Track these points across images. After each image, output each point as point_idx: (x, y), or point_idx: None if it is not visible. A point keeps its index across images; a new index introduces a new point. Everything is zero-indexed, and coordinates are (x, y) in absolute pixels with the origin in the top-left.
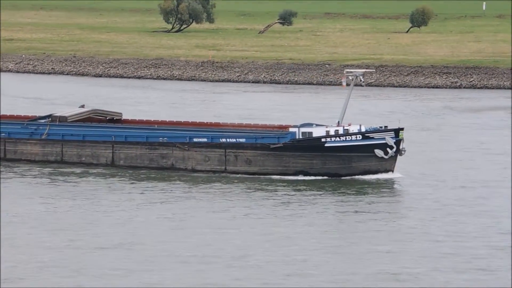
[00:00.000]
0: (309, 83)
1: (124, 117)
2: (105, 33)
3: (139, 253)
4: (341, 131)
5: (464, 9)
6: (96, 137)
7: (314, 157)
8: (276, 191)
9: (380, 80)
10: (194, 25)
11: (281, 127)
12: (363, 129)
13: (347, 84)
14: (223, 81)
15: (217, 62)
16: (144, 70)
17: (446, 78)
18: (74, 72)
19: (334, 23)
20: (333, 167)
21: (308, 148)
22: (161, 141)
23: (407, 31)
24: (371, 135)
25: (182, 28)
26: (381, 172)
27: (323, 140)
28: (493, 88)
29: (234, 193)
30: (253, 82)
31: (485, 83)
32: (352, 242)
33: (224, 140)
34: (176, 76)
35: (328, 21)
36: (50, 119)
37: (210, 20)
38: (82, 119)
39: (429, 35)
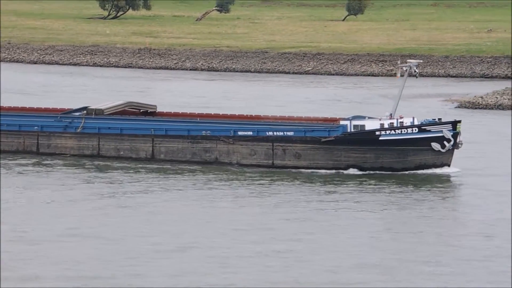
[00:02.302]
0: (247, 71)
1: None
2: (40, 20)
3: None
4: (395, 124)
5: None
6: (135, 130)
7: (368, 151)
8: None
9: (317, 68)
10: (130, 11)
11: (327, 119)
12: (416, 122)
13: (401, 75)
14: (160, 68)
15: (154, 49)
16: (80, 57)
17: (382, 66)
18: (8, 59)
19: (271, 10)
20: (387, 161)
21: (362, 141)
22: (204, 134)
23: (344, 19)
24: (427, 128)
25: (118, 15)
26: (438, 166)
27: (377, 133)
28: (428, 76)
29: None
30: (190, 69)
31: (421, 71)
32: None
33: (271, 133)
34: (112, 63)
35: (266, 9)
36: (85, 111)
37: (147, 6)
38: (118, 112)
39: (365, 23)
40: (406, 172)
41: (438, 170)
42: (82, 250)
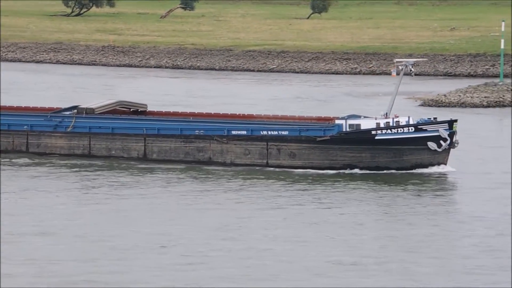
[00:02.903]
0: (211, 69)
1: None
2: (2, 17)
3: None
4: (391, 123)
5: None
6: (127, 130)
7: (364, 150)
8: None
9: (281, 66)
10: (94, 9)
11: (321, 118)
12: (411, 121)
13: (397, 74)
14: (124, 66)
15: (118, 47)
16: (43, 54)
17: (346, 64)
18: None
19: (236, 8)
20: (383, 161)
21: (357, 141)
22: (197, 133)
23: (308, 17)
24: (424, 127)
25: (82, 12)
26: (434, 165)
27: (373, 132)
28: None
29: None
30: (155, 67)
31: (384, 69)
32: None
33: (265, 132)
34: (76, 61)
35: (230, 6)
36: (75, 111)
37: (111, 4)
38: (108, 111)
39: (329, 22)
40: (402, 172)
41: (434, 170)
42: (59, 248)
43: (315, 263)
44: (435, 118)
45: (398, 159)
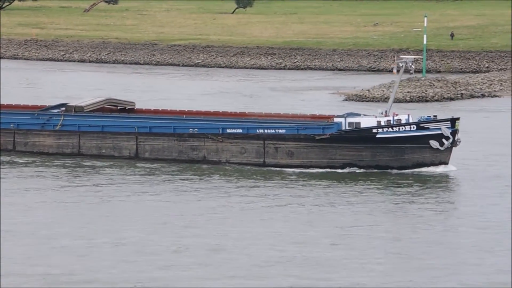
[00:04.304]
0: (136, 63)
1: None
2: None
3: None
4: (392, 121)
5: None
6: (118, 128)
7: (364, 149)
8: (319, 184)
9: (207, 61)
10: (16, 2)
11: (315, 116)
12: (411, 119)
13: (398, 71)
14: (47, 59)
15: (41, 41)
16: None
17: (271, 59)
18: None
19: (160, 2)
20: (384, 160)
21: (358, 139)
22: (191, 132)
23: (233, 12)
24: (426, 125)
25: (4, 5)
26: (436, 164)
27: (374, 131)
28: (316, 69)
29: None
30: (78, 61)
31: (309, 64)
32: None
33: (261, 131)
34: None
35: (155, 1)
36: (64, 108)
37: None
38: (97, 109)
39: (254, 16)
40: (404, 171)
41: (436, 169)
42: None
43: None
44: (435, 116)
45: (400, 158)
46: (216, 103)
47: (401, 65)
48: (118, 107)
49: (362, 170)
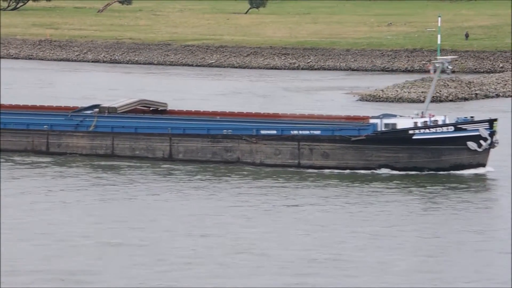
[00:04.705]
0: (149, 63)
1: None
2: None
3: None
4: (428, 122)
5: None
6: (151, 129)
7: (400, 150)
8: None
9: (220, 61)
10: (31, 3)
11: (350, 118)
12: (447, 120)
13: (434, 71)
14: (61, 60)
15: (55, 41)
16: None
17: (284, 59)
18: None
19: (173, 2)
20: (420, 161)
21: (394, 140)
22: (225, 133)
23: (246, 12)
24: (463, 126)
25: (18, 6)
26: (473, 166)
27: (410, 132)
28: (330, 70)
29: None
30: (92, 61)
31: (322, 64)
32: None
33: (296, 132)
34: (12, 55)
35: (168, 1)
36: (97, 110)
37: None
38: (130, 110)
39: (267, 16)
40: (441, 172)
41: (473, 171)
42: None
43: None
44: (472, 117)
45: (437, 159)
46: (231, 103)
47: (437, 65)
48: (151, 108)
49: (398, 172)
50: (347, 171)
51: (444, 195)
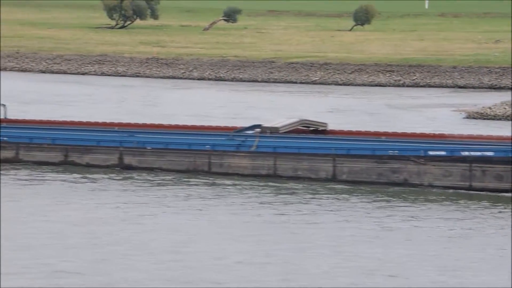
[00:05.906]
0: (254, 80)
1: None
2: (46, 29)
3: None
4: None
5: (407, 8)
6: (314, 150)
7: None
8: None
9: (324, 78)
10: (138, 21)
11: None
12: None
13: None
14: (168, 77)
15: (161, 59)
16: (88, 66)
17: (389, 76)
18: (17, 68)
19: (278, 20)
20: None
21: None
22: (391, 154)
23: (351, 29)
24: None
25: (126, 24)
26: None
27: None
28: (436, 87)
29: None
30: (198, 79)
31: (428, 81)
32: None
33: (466, 153)
34: (120, 73)
35: (272, 19)
36: (259, 130)
37: (154, 16)
38: (291, 130)
39: (372, 34)
40: None
41: None
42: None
43: None
44: None
45: None
46: (339, 121)
47: None
48: (310, 128)
49: None
50: None
51: None
